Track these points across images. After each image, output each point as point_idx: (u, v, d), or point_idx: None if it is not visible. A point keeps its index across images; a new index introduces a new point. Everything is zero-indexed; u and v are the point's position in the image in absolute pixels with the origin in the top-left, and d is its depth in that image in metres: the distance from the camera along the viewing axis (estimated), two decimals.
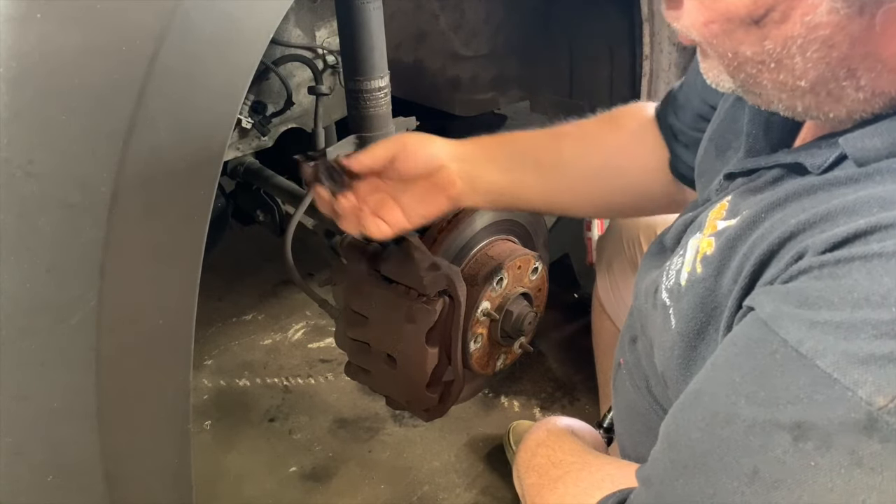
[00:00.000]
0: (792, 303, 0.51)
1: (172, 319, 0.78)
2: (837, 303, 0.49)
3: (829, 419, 0.47)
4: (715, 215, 0.68)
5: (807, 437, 0.48)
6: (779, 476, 0.49)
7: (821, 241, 0.52)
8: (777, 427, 0.49)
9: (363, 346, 1.07)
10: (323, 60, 1.34)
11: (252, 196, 1.48)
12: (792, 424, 0.49)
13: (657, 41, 1.50)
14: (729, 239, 0.62)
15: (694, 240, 0.69)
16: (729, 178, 0.72)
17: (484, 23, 1.77)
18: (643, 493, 0.59)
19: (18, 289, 0.64)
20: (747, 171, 0.69)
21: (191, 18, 0.66)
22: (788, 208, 0.58)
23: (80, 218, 0.65)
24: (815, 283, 0.51)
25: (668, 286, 0.70)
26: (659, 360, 0.73)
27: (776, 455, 0.49)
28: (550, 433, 0.82)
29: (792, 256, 0.54)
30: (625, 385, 0.84)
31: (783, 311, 0.51)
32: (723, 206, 0.68)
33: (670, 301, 0.69)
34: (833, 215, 0.53)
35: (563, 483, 0.72)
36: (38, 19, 0.58)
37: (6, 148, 0.59)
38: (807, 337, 0.49)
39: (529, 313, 1.12)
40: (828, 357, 0.48)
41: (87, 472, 0.76)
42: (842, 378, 0.47)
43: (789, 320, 0.50)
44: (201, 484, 0.90)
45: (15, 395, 0.67)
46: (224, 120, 0.74)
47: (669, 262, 0.73)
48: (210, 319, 1.96)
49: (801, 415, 0.48)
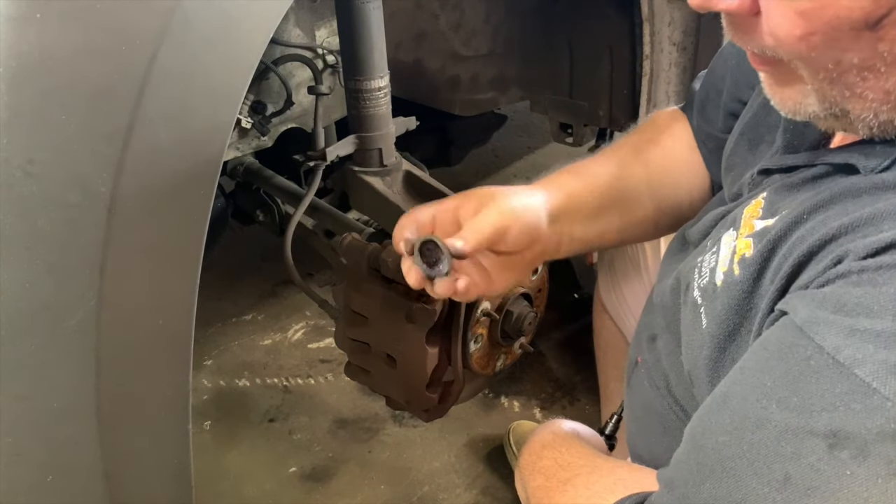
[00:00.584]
0: (828, 308, 0.50)
1: (172, 319, 0.78)
2: (878, 311, 0.48)
3: (868, 428, 0.46)
4: (751, 213, 0.66)
5: (843, 446, 0.47)
6: (812, 484, 0.48)
7: (862, 246, 0.51)
8: (811, 434, 0.49)
9: (363, 346, 1.07)
10: (323, 60, 1.34)
11: (252, 196, 1.48)
12: (827, 432, 0.48)
13: (657, 41, 1.50)
14: (770, 241, 0.60)
15: (728, 237, 0.67)
16: (764, 173, 0.70)
17: (484, 23, 1.76)
18: (665, 495, 0.58)
19: (18, 289, 0.64)
20: (786, 167, 0.67)
21: (190, 18, 0.66)
22: (831, 210, 0.57)
23: (80, 218, 0.65)
24: (854, 290, 0.50)
25: (700, 284, 0.69)
26: (686, 358, 0.71)
27: (810, 462, 0.48)
28: (556, 436, 0.81)
29: (831, 260, 0.53)
30: (642, 384, 0.83)
31: (819, 317, 0.50)
32: (758, 203, 0.66)
33: (703, 300, 0.68)
34: (877, 220, 0.52)
35: (572, 485, 0.71)
36: (37, 19, 0.58)
37: (6, 148, 0.59)
38: (845, 344, 0.48)
39: (529, 313, 1.12)
40: (867, 366, 0.47)
41: (87, 472, 0.76)
42: (882, 388, 0.46)
43: (826, 326, 0.50)
44: (201, 484, 0.90)
45: (15, 395, 0.67)
46: (224, 120, 0.74)
47: (701, 258, 0.71)
48: (210, 319, 1.96)
49: (838, 423, 0.48)
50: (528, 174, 2.67)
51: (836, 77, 0.53)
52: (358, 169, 1.26)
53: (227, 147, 0.76)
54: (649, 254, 1.19)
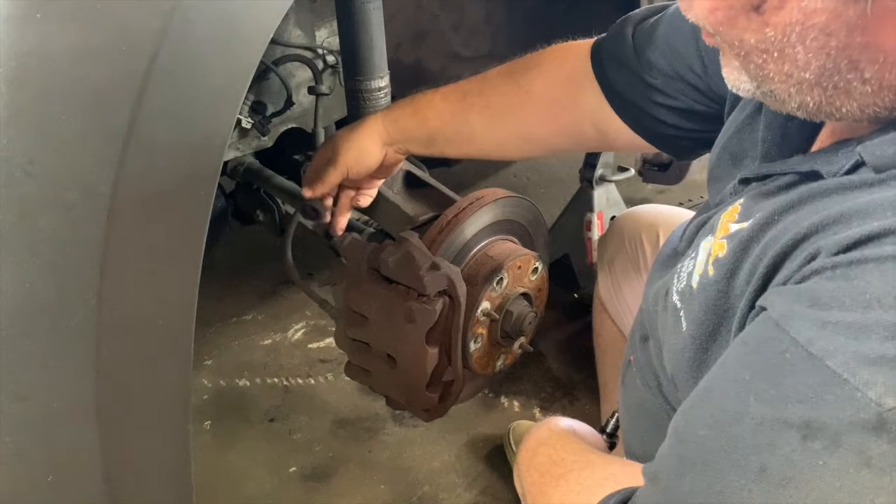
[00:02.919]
0: (803, 303, 0.51)
1: (172, 319, 0.78)
2: (849, 304, 0.49)
3: (839, 419, 0.47)
4: (727, 218, 0.68)
5: (815, 437, 0.48)
6: (786, 474, 0.49)
7: (834, 243, 0.52)
8: (786, 425, 0.49)
9: (363, 346, 1.07)
10: (323, 60, 1.34)
11: (252, 196, 1.48)
12: (801, 423, 0.49)
13: None
14: (742, 241, 0.62)
15: (706, 242, 0.69)
16: (744, 182, 0.72)
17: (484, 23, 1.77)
18: (650, 489, 0.59)
19: (18, 289, 0.64)
20: (762, 175, 0.69)
21: (190, 18, 0.66)
22: (802, 210, 0.58)
23: (80, 218, 0.65)
24: (828, 284, 0.51)
25: (679, 288, 0.70)
26: (669, 362, 0.73)
27: (784, 453, 0.49)
28: (553, 433, 0.82)
29: (805, 258, 0.54)
30: (634, 382, 0.84)
31: (794, 311, 0.51)
32: (735, 209, 0.68)
33: (681, 303, 0.69)
34: (847, 217, 0.53)
35: (565, 481, 0.72)
36: (38, 19, 0.58)
37: (6, 148, 0.59)
38: (817, 337, 0.49)
39: (529, 313, 1.12)
40: (838, 357, 0.48)
41: (87, 472, 0.76)
42: (852, 378, 0.47)
43: (800, 320, 0.51)
44: (201, 484, 0.90)
45: (15, 395, 0.67)
46: (224, 120, 0.74)
47: (681, 264, 0.73)
48: (210, 319, 1.96)
49: (810, 414, 0.48)
50: (527, 174, 2.68)
51: (744, 56, 0.58)
52: None
53: (227, 147, 0.76)
54: (649, 253, 1.19)
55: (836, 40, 0.53)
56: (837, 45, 0.53)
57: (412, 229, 1.11)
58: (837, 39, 0.53)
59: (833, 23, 0.52)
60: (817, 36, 0.53)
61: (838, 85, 0.55)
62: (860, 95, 0.56)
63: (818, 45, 0.53)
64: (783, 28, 0.54)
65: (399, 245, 1.01)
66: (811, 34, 0.53)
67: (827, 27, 0.52)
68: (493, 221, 1.13)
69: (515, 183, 2.62)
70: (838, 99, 0.56)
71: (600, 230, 1.83)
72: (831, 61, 0.54)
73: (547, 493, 0.73)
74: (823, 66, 0.54)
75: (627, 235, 1.23)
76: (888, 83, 0.55)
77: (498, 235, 1.15)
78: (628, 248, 1.23)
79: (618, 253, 1.25)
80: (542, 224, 1.24)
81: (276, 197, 1.45)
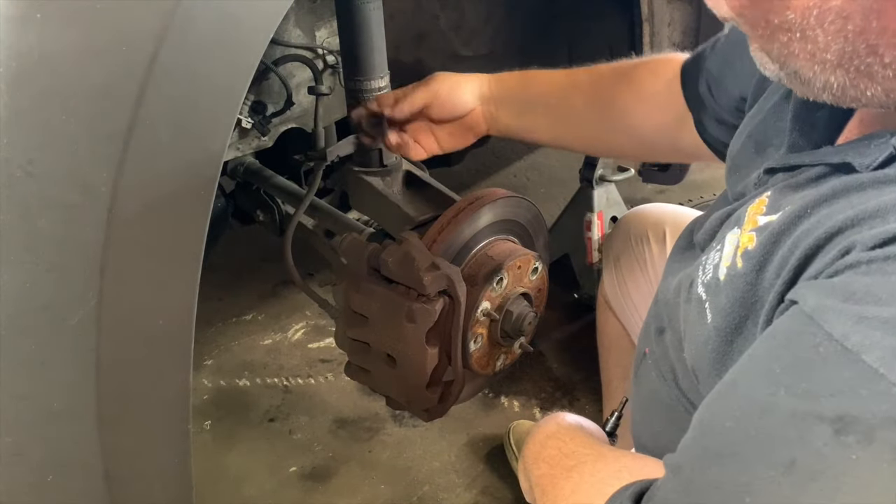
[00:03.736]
0: (838, 297, 0.51)
1: (172, 319, 0.78)
2: (886, 298, 0.49)
3: (873, 413, 0.47)
4: (755, 210, 0.67)
5: (848, 431, 0.48)
6: (817, 468, 0.49)
7: (869, 237, 0.52)
8: (818, 419, 0.49)
9: (363, 346, 1.07)
10: (323, 60, 1.34)
11: (252, 196, 1.48)
12: (834, 417, 0.48)
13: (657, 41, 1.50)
14: (772, 234, 0.61)
15: (732, 234, 0.68)
16: (769, 172, 0.71)
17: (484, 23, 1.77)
18: (672, 480, 0.58)
19: (18, 289, 0.64)
20: (790, 166, 0.68)
21: (191, 18, 0.66)
22: (836, 204, 0.58)
23: (80, 218, 0.65)
24: (863, 279, 0.50)
25: (704, 280, 0.70)
26: (690, 354, 0.72)
27: (816, 447, 0.49)
28: (560, 426, 0.81)
29: (839, 251, 0.53)
30: (650, 375, 0.83)
31: (828, 305, 0.51)
32: (762, 201, 0.67)
33: (707, 295, 0.68)
34: (883, 212, 0.53)
35: (577, 472, 0.71)
36: (38, 19, 0.58)
37: (6, 148, 0.59)
38: (853, 331, 0.49)
39: (529, 313, 1.12)
40: (874, 352, 0.48)
41: (87, 472, 0.76)
42: (888, 374, 0.47)
43: (835, 314, 0.50)
44: (201, 484, 0.90)
45: (15, 395, 0.67)
46: (224, 120, 0.75)
47: (706, 256, 0.72)
48: (210, 319, 1.96)
49: (844, 408, 0.48)
50: (527, 174, 2.68)
51: (770, 36, 0.57)
52: (358, 169, 1.26)
53: (227, 147, 0.76)
54: (655, 251, 1.19)
55: (852, 24, 0.53)
56: (854, 29, 0.53)
57: (412, 229, 1.11)
58: (854, 23, 0.53)
59: (848, 6, 0.52)
60: (834, 19, 0.53)
61: (860, 68, 0.55)
62: (883, 79, 0.55)
63: (836, 28, 0.53)
64: (802, 10, 0.54)
65: (399, 245, 1.01)
66: (829, 17, 0.53)
67: (843, 10, 0.52)
68: (493, 221, 1.13)
69: (515, 183, 2.62)
70: (862, 82, 0.56)
71: (600, 230, 1.83)
72: (850, 44, 0.54)
73: (559, 485, 0.72)
74: (843, 49, 0.54)
75: (633, 233, 1.23)
76: None
77: (498, 235, 1.15)
78: (634, 245, 1.23)
79: (623, 251, 1.25)
80: (542, 224, 1.24)
81: (276, 197, 1.45)
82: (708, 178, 2.36)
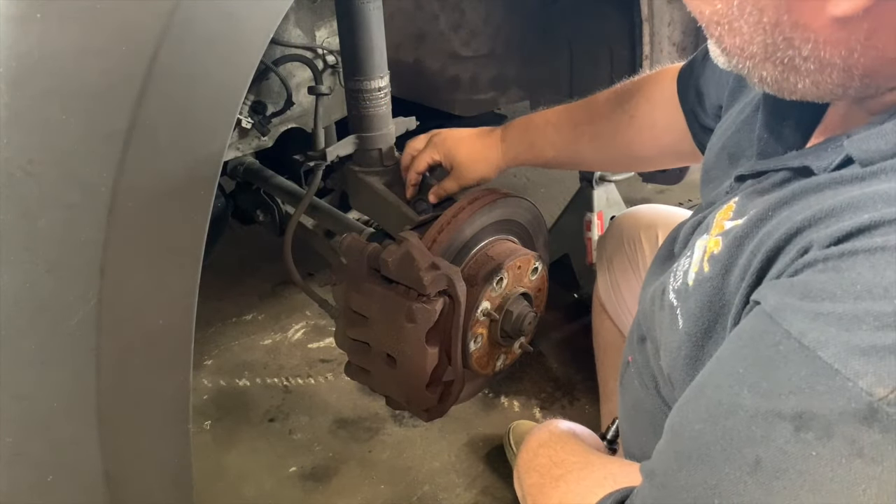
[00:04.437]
0: (796, 295, 0.51)
1: (172, 319, 0.78)
2: (840, 295, 0.49)
3: (830, 409, 0.48)
4: (722, 216, 0.68)
5: (808, 427, 0.48)
6: (781, 466, 0.49)
7: (826, 236, 0.52)
8: (779, 417, 0.50)
9: (363, 346, 1.07)
10: (323, 60, 1.34)
11: (252, 196, 1.48)
12: (793, 414, 0.49)
13: (657, 41, 1.50)
14: (736, 237, 0.62)
15: (701, 241, 0.69)
16: (739, 179, 0.73)
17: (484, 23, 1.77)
18: (647, 486, 0.59)
19: (18, 289, 0.64)
20: (757, 172, 0.69)
21: (191, 18, 0.66)
22: (795, 205, 0.59)
23: (80, 218, 0.65)
24: (819, 276, 0.51)
25: (675, 287, 0.71)
26: (665, 361, 0.73)
27: (778, 445, 0.49)
28: (552, 434, 0.82)
29: (798, 251, 0.54)
30: (633, 383, 0.84)
31: (787, 304, 0.52)
32: (729, 207, 0.69)
33: (678, 301, 0.70)
34: (838, 211, 0.54)
35: (564, 481, 0.72)
36: (38, 19, 0.58)
37: (6, 148, 0.59)
38: (809, 328, 0.49)
39: (529, 313, 1.12)
40: (829, 348, 0.48)
41: (87, 472, 0.76)
42: (843, 369, 0.47)
43: (793, 312, 0.51)
44: (201, 484, 0.90)
45: (15, 395, 0.67)
46: (224, 120, 0.75)
47: (677, 263, 0.74)
48: (210, 319, 1.96)
49: (803, 405, 0.49)
50: (527, 174, 2.68)
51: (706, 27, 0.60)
52: (358, 169, 1.26)
53: (227, 147, 0.76)
54: (648, 253, 1.19)
55: (766, 16, 0.54)
56: (769, 22, 0.54)
57: (412, 229, 1.11)
58: (768, 16, 0.54)
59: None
60: (752, 11, 0.55)
61: (784, 61, 0.56)
62: (807, 72, 0.56)
63: (755, 20, 0.55)
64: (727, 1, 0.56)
65: (399, 245, 1.01)
66: (747, 8, 0.55)
67: (758, 2, 0.54)
68: (493, 221, 1.13)
69: (515, 183, 2.62)
70: (791, 75, 0.58)
71: (600, 230, 1.83)
72: (769, 37, 0.55)
73: (547, 494, 0.73)
74: (764, 42, 0.56)
75: (626, 235, 1.23)
76: (827, 61, 0.55)
77: (498, 235, 1.15)
78: (627, 247, 1.23)
79: (616, 253, 1.25)
80: (542, 224, 1.24)
81: (276, 197, 1.45)
82: None
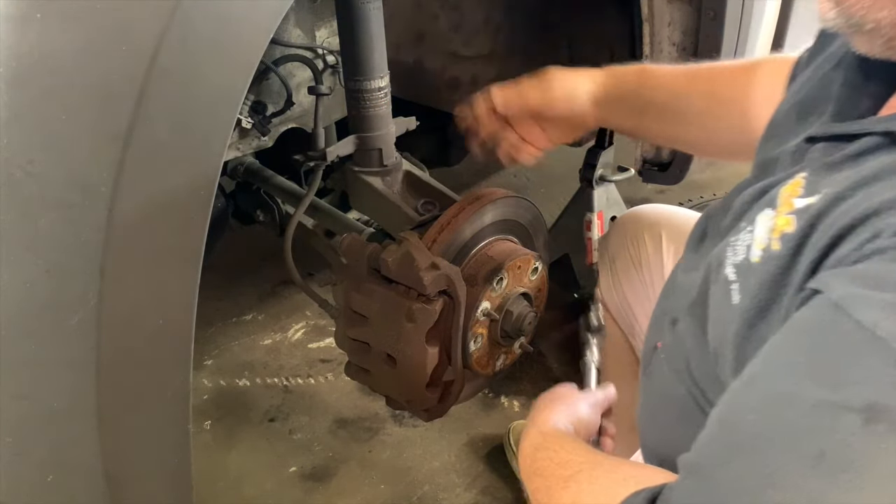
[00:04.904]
0: (865, 284, 0.50)
1: (172, 319, 0.78)
2: None
3: None
4: (789, 192, 0.65)
5: (879, 419, 0.47)
6: (848, 458, 0.48)
7: None
8: (846, 409, 0.48)
9: (363, 346, 1.07)
10: (323, 60, 1.34)
11: (252, 196, 1.48)
12: (863, 406, 0.48)
13: (657, 41, 1.50)
14: (811, 217, 0.60)
15: (764, 216, 0.66)
16: (810, 141, 0.70)
17: (484, 23, 1.76)
18: (689, 480, 0.57)
19: (18, 289, 0.64)
20: (831, 136, 0.67)
21: (191, 18, 0.66)
22: (875, 186, 0.57)
23: (80, 218, 0.65)
24: (891, 265, 0.50)
25: (735, 262, 0.68)
26: (713, 336, 0.70)
27: (844, 437, 0.48)
28: (546, 436, 0.80)
29: (868, 235, 0.53)
30: (661, 370, 0.82)
31: (856, 293, 0.50)
32: (797, 182, 0.66)
33: (737, 276, 0.67)
34: None
35: (575, 482, 0.70)
36: (38, 19, 0.58)
37: (6, 148, 0.59)
38: (883, 318, 0.48)
39: (529, 313, 1.12)
40: None
41: (87, 472, 0.76)
42: None
43: (863, 302, 0.49)
44: (201, 484, 0.90)
45: (15, 395, 0.67)
46: (224, 120, 0.74)
47: (734, 237, 0.70)
48: (210, 319, 1.96)
49: (874, 396, 0.47)
50: (527, 174, 2.68)
51: None
52: (358, 169, 1.26)
53: (227, 147, 0.76)
54: (651, 253, 1.19)
55: None
56: None
57: (412, 229, 1.11)
58: None
59: None
60: None
61: None
62: None
63: None
64: None
65: (399, 245, 1.02)
66: None
67: None
68: (493, 221, 1.13)
69: (515, 183, 2.62)
70: None
71: (600, 230, 1.83)
72: None
73: (556, 496, 0.71)
74: None
75: (630, 234, 1.23)
76: None
77: (498, 235, 1.15)
78: (630, 247, 1.23)
79: (619, 252, 1.25)
80: (542, 224, 1.25)
81: (276, 197, 1.45)
82: (708, 178, 2.36)
